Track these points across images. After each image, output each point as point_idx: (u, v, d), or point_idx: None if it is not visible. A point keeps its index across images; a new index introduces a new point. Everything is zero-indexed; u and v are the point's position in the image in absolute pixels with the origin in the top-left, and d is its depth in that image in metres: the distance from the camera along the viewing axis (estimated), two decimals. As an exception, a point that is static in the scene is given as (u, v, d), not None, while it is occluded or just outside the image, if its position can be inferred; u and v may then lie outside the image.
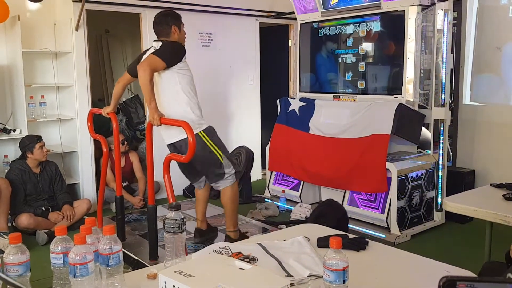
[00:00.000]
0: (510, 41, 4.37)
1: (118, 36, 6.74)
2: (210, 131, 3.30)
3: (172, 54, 3.15)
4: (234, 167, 3.41)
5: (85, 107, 4.57)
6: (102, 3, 4.58)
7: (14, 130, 4.34)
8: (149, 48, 3.36)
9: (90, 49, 4.79)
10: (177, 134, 3.20)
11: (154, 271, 1.39)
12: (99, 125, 4.24)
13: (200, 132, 3.21)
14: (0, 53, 4.43)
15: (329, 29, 4.72)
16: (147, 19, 4.82)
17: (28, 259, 1.20)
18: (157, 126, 3.01)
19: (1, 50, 4.47)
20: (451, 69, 4.17)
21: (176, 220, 1.41)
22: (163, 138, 3.41)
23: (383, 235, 3.82)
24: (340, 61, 4.65)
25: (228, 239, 3.48)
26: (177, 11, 4.90)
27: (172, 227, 1.41)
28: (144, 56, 3.30)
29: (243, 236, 3.57)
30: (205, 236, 3.70)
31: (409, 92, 4.02)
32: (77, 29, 4.48)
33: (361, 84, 4.49)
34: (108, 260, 1.23)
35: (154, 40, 3.31)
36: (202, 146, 3.19)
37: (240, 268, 1.28)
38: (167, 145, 3.41)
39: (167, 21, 3.28)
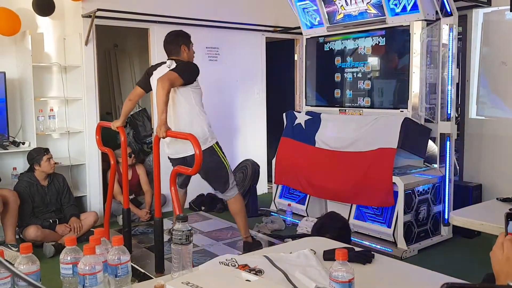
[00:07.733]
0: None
1: (126, 50, 6.83)
2: (219, 144, 3.55)
3: (189, 73, 3.38)
4: (234, 178, 3.69)
5: (93, 120, 4.62)
6: (112, 18, 4.65)
7: (23, 143, 4.38)
8: (161, 64, 3.52)
9: (99, 63, 4.86)
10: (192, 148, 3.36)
11: (161, 282, 1.39)
12: (107, 138, 4.28)
13: (214, 144, 3.47)
14: (10, 67, 4.50)
15: (334, 44, 4.76)
16: (155, 34, 4.90)
17: (38, 269, 1.22)
18: (162, 138, 3.12)
19: (12, 64, 4.54)
20: (457, 83, 4.17)
21: (183, 231, 1.43)
22: (168, 152, 3.54)
23: (389, 250, 3.80)
24: (345, 75, 4.68)
25: (246, 245, 3.68)
26: (184, 26, 4.98)
27: (180, 239, 1.42)
28: (156, 72, 3.49)
29: (254, 240, 3.82)
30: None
31: (415, 106, 4.03)
32: (86, 43, 4.56)
33: (367, 98, 4.51)
34: (116, 270, 1.24)
35: (168, 59, 3.49)
36: (216, 158, 3.46)
37: (247, 280, 1.29)
38: (173, 159, 3.54)
39: (178, 40, 3.50)
